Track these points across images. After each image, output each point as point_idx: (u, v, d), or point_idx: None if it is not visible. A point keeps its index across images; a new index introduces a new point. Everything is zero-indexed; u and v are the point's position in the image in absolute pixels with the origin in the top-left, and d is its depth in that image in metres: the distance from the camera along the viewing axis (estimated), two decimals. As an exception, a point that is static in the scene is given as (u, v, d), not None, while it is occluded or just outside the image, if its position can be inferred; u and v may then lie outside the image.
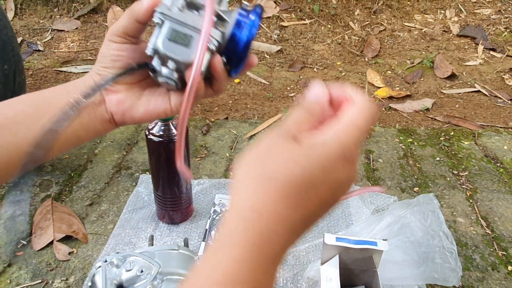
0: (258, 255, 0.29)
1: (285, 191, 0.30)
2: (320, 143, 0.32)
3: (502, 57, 2.02)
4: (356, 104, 0.36)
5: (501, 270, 0.93)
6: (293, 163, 0.31)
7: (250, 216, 0.30)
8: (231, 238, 0.30)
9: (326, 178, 0.32)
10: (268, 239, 0.30)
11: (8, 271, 0.92)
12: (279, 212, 0.30)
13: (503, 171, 1.24)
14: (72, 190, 1.14)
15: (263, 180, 0.31)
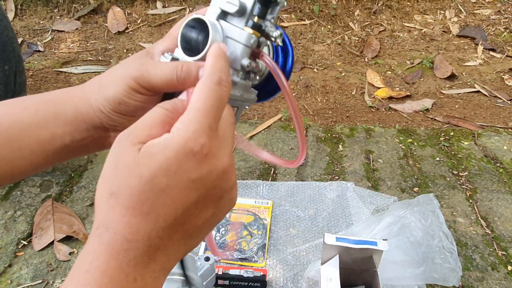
0: (112, 263, 0.29)
1: (128, 202, 0.30)
2: (160, 146, 0.30)
3: (502, 57, 2.02)
4: (199, 82, 0.33)
5: (501, 270, 0.93)
6: (133, 175, 0.30)
7: (100, 231, 0.30)
8: (84, 254, 0.30)
9: (176, 180, 0.30)
10: (121, 247, 0.30)
11: (8, 271, 0.92)
12: (127, 222, 0.30)
13: (502, 171, 1.24)
14: (73, 190, 1.15)
15: (107, 197, 0.30)
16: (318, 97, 1.75)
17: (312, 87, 1.81)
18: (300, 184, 1.16)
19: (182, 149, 0.30)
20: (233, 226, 1.02)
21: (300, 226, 1.03)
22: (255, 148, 0.44)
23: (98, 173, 1.20)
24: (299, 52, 2.06)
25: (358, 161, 1.27)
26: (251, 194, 1.13)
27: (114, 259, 0.29)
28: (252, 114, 1.59)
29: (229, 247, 0.97)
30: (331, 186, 1.15)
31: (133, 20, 2.21)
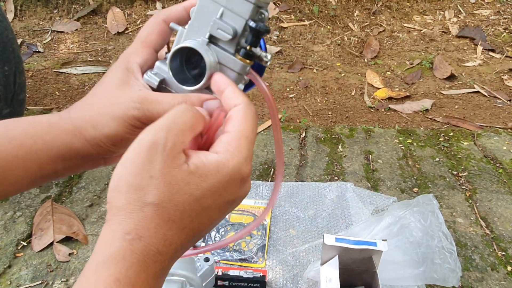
0: (142, 275, 0.29)
1: (170, 216, 0.30)
2: (214, 169, 0.31)
3: (501, 57, 2.03)
4: (239, 110, 0.34)
5: (500, 270, 0.93)
6: (182, 192, 0.30)
7: (132, 238, 0.29)
8: (113, 258, 0.29)
9: (219, 201, 0.32)
10: (152, 259, 0.30)
11: (8, 272, 0.92)
12: (163, 234, 0.30)
13: (502, 171, 1.24)
14: (72, 191, 1.15)
15: (142, 205, 0.30)
16: (317, 97, 1.75)
17: (312, 87, 1.81)
18: (300, 185, 1.16)
19: (235, 174, 0.32)
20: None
21: (300, 227, 1.03)
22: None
23: (98, 174, 1.20)
24: (299, 52, 2.06)
25: (357, 161, 1.27)
26: (250, 195, 1.13)
27: (144, 271, 0.29)
28: (251, 115, 1.59)
29: (228, 247, 0.97)
30: (330, 187, 1.15)
31: (132, 20, 2.21)
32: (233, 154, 0.32)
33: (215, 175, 0.31)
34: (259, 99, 1.72)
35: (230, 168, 0.31)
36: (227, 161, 0.31)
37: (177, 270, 0.69)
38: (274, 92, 1.77)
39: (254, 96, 1.74)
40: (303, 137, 1.40)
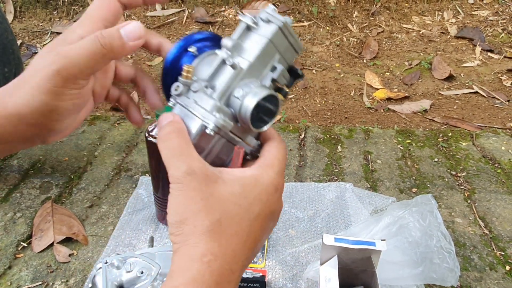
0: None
1: (232, 229, 0.33)
2: (253, 181, 0.35)
3: (500, 58, 2.03)
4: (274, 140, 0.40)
5: (499, 270, 0.93)
6: (233, 203, 0.33)
7: (209, 260, 0.31)
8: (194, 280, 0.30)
9: (264, 209, 0.35)
10: (226, 280, 0.31)
11: (8, 273, 0.93)
12: (232, 250, 0.32)
13: (500, 171, 1.25)
14: (72, 192, 1.15)
15: (208, 225, 0.32)
16: (317, 98, 1.75)
17: (311, 88, 1.82)
18: (299, 185, 1.16)
19: (270, 184, 0.36)
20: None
21: (299, 227, 1.03)
22: None
23: (98, 175, 1.20)
24: (298, 53, 2.06)
25: (356, 162, 1.28)
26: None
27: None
28: (251, 116, 1.59)
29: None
30: (330, 187, 1.15)
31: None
32: (267, 167, 0.36)
33: (255, 185, 0.35)
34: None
35: (266, 179, 0.36)
36: (263, 173, 0.36)
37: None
38: (273, 93, 1.78)
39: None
40: (302, 137, 1.40)
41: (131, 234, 1.00)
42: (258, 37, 0.37)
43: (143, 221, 1.03)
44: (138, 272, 0.68)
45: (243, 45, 0.38)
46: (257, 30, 0.38)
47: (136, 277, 0.68)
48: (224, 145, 0.38)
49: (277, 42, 0.38)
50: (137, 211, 1.06)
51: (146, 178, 1.18)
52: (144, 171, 1.22)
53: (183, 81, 0.36)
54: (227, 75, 0.36)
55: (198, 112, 0.35)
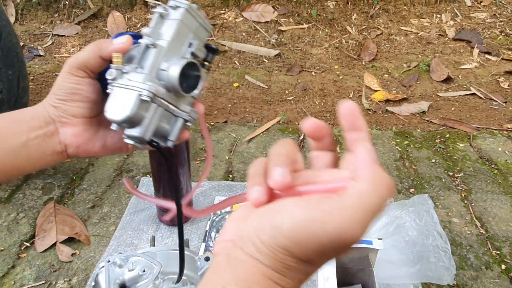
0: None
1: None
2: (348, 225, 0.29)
3: (497, 60, 2.05)
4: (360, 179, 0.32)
5: (494, 269, 0.95)
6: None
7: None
8: None
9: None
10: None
11: (12, 272, 0.94)
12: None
13: (497, 172, 1.26)
14: (74, 193, 1.16)
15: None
16: (316, 100, 1.77)
17: (310, 90, 1.83)
18: (298, 186, 1.18)
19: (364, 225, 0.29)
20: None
21: (298, 227, 1.05)
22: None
23: (99, 176, 1.22)
24: (297, 55, 2.08)
25: (355, 163, 1.29)
26: (250, 195, 1.15)
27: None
28: (251, 117, 1.61)
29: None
30: (328, 188, 1.16)
31: (133, 24, 2.24)
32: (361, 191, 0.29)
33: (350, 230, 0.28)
34: (258, 101, 1.74)
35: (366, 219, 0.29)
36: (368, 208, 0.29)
37: (178, 269, 0.71)
38: (273, 94, 1.79)
39: (253, 99, 1.76)
40: (302, 139, 1.42)
41: (133, 234, 1.01)
42: (170, 21, 0.45)
43: (145, 221, 1.05)
44: (140, 271, 0.69)
45: (160, 31, 0.45)
46: (168, 16, 0.45)
47: (138, 276, 0.69)
48: (163, 114, 0.44)
49: (187, 22, 0.45)
50: (138, 212, 1.08)
51: (147, 179, 1.19)
52: (145, 172, 1.23)
53: (114, 67, 0.43)
54: (151, 54, 0.43)
55: (133, 85, 0.42)
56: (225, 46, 2.10)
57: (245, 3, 2.28)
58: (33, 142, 0.45)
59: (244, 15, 2.26)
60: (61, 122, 0.46)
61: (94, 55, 0.45)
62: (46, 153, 0.46)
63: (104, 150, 0.49)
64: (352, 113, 0.34)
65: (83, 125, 0.47)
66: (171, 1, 0.45)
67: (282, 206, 0.31)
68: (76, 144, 0.47)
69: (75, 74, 0.45)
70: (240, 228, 0.32)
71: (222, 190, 1.15)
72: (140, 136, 0.43)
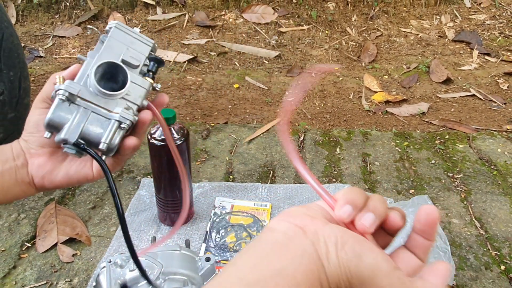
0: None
1: None
2: None
3: (497, 61, 2.06)
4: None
5: (494, 269, 0.95)
6: None
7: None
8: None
9: None
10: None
11: (13, 272, 0.94)
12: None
13: (496, 173, 1.27)
14: (75, 193, 1.17)
15: None
16: (316, 101, 1.77)
17: (310, 91, 1.84)
18: (299, 187, 1.18)
19: None
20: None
21: (298, 228, 1.05)
22: None
23: (100, 176, 1.22)
24: (297, 57, 2.09)
25: (355, 164, 1.30)
26: (250, 196, 1.15)
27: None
28: (251, 118, 1.61)
29: (228, 248, 0.99)
30: (328, 189, 1.17)
31: (133, 25, 2.24)
32: None
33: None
34: (258, 102, 1.75)
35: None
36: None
37: (179, 269, 0.71)
38: (273, 96, 1.80)
39: (254, 100, 1.77)
40: (301, 140, 1.42)
41: (134, 234, 1.02)
42: (105, 38, 0.50)
43: (145, 222, 1.05)
44: (141, 271, 0.70)
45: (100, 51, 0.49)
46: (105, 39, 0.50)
47: (139, 276, 0.70)
48: (91, 117, 0.46)
49: (119, 37, 0.49)
50: (139, 212, 1.08)
51: (148, 179, 1.19)
52: (146, 173, 1.24)
53: (56, 87, 0.47)
54: (82, 66, 0.48)
55: (57, 92, 0.46)
56: (225, 47, 2.11)
57: (245, 4, 2.29)
58: (7, 172, 0.50)
59: (244, 16, 2.26)
60: (29, 154, 0.51)
61: (50, 85, 0.48)
62: (17, 184, 0.51)
63: (68, 180, 0.52)
64: (431, 223, 0.34)
65: (49, 155, 0.51)
66: (107, 26, 0.50)
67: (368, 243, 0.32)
68: (42, 173, 0.51)
69: (39, 107, 0.49)
70: (315, 224, 0.32)
71: (223, 191, 1.16)
72: (65, 138, 0.45)
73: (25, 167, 0.51)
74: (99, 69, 0.47)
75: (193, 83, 1.87)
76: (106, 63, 0.47)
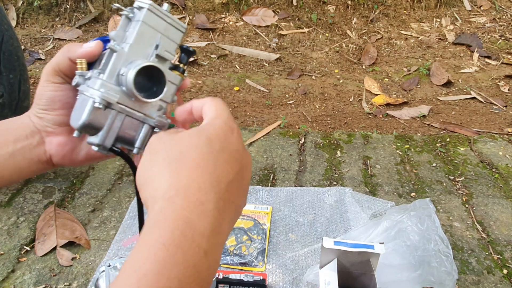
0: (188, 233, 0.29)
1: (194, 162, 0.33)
2: (206, 127, 0.37)
3: (497, 64, 2.05)
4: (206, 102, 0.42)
5: (496, 273, 0.94)
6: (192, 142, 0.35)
7: (170, 196, 0.31)
8: (156, 221, 0.29)
9: (225, 145, 0.36)
10: (197, 210, 0.30)
11: (11, 276, 0.94)
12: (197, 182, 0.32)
13: (498, 176, 1.26)
14: (75, 196, 1.16)
15: (166, 165, 0.34)
16: (316, 104, 1.77)
17: (311, 94, 1.84)
18: (299, 190, 1.18)
19: (225, 124, 0.37)
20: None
21: (299, 231, 1.05)
22: None
23: (100, 179, 1.22)
24: (298, 59, 2.09)
25: (356, 167, 1.29)
26: (250, 199, 1.14)
27: (190, 228, 0.29)
28: (251, 121, 1.61)
29: (229, 251, 0.98)
30: (329, 192, 1.16)
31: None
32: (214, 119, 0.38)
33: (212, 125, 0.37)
34: (259, 105, 1.74)
35: (220, 121, 0.37)
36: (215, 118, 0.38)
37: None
38: (273, 98, 1.80)
39: (254, 103, 1.76)
40: (302, 143, 1.42)
41: (133, 238, 1.01)
42: (134, 23, 0.43)
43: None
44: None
45: (125, 33, 0.43)
46: (133, 17, 0.43)
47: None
48: (126, 120, 0.43)
49: (152, 23, 0.44)
50: (139, 216, 1.08)
51: (147, 182, 1.19)
52: (145, 176, 1.23)
53: (78, 73, 0.42)
54: (112, 59, 0.42)
55: (89, 93, 0.41)
56: (225, 50, 2.11)
57: (246, 7, 2.29)
58: (20, 152, 0.45)
59: (245, 19, 2.26)
60: (46, 132, 0.46)
61: (63, 58, 0.43)
62: (32, 163, 0.47)
63: (89, 159, 0.49)
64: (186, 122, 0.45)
65: (68, 133, 0.47)
66: (136, 2, 0.44)
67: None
68: (62, 153, 0.47)
69: (52, 81, 0.44)
70: None
71: (223, 194, 1.15)
72: (100, 143, 0.43)
73: (41, 145, 0.46)
74: (138, 77, 0.42)
75: (193, 85, 1.87)
76: (145, 67, 0.42)
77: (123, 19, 0.43)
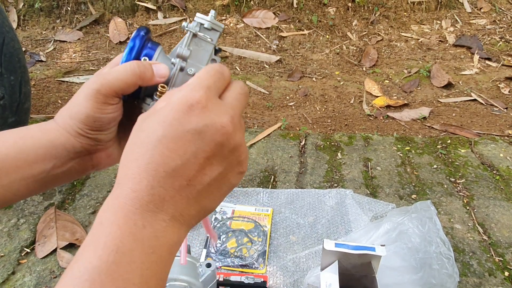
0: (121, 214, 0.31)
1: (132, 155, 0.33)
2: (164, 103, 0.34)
3: (498, 66, 2.06)
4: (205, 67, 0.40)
5: (498, 275, 0.94)
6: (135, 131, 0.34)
7: (113, 189, 0.33)
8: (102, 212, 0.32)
9: (171, 130, 0.33)
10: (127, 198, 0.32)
11: (12, 278, 0.93)
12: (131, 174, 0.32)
13: (499, 178, 1.26)
14: (75, 198, 1.16)
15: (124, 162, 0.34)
16: (317, 105, 1.77)
17: (311, 96, 1.84)
18: (300, 192, 1.18)
19: (179, 102, 0.33)
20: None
21: (300, 233, 1.04)
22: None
23: (100, 181, 1.22)
24: (298, 61, 2.09)
25: (356, 168, 1.29)
26: (251, 201, 1.14)
27: (121, 209, 0.32)
28: (252, 123, 1.61)
29: (230, 253, 0.98)
30: (330, 194, 1.16)
31: (134, 30, 2.24)
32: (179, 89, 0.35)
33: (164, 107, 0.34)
34: (259, 107, 1.74)
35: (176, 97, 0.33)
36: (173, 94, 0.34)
37: (180, 275, 0.71)
38: (274, 100, 1.80)
39: (254, 104, 1.76)
40: (302, 144, 1.42)
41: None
42: (205, 44, 0.43)
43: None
44: (141, 277, 0.69)
45: (194, 52, 0.43)
46: (203, 36, 0.43)
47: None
48: None
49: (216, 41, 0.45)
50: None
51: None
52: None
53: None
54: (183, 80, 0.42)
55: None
56: (226, 52, 2.11)
57: (246, 9, 2.29)
58: (61, 170, 0.43)
59: (245, 21, 2.27)
60: (96, 149, 0.44)
61: (132, 83, 0.40)
62: (76, 176, 0.46)
63: None
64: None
65: (116, 144, 0.46)
66: (205, 21, 0.43)
67: None
68: (109, 164, 0.47)
69: (110, 103, 0.40)
70: None
71: (224, 196, 1.15)
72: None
73: (87, 162, 0.45)
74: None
75: (194, 87, 1.87)
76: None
77: (190, 36, 0.42)
